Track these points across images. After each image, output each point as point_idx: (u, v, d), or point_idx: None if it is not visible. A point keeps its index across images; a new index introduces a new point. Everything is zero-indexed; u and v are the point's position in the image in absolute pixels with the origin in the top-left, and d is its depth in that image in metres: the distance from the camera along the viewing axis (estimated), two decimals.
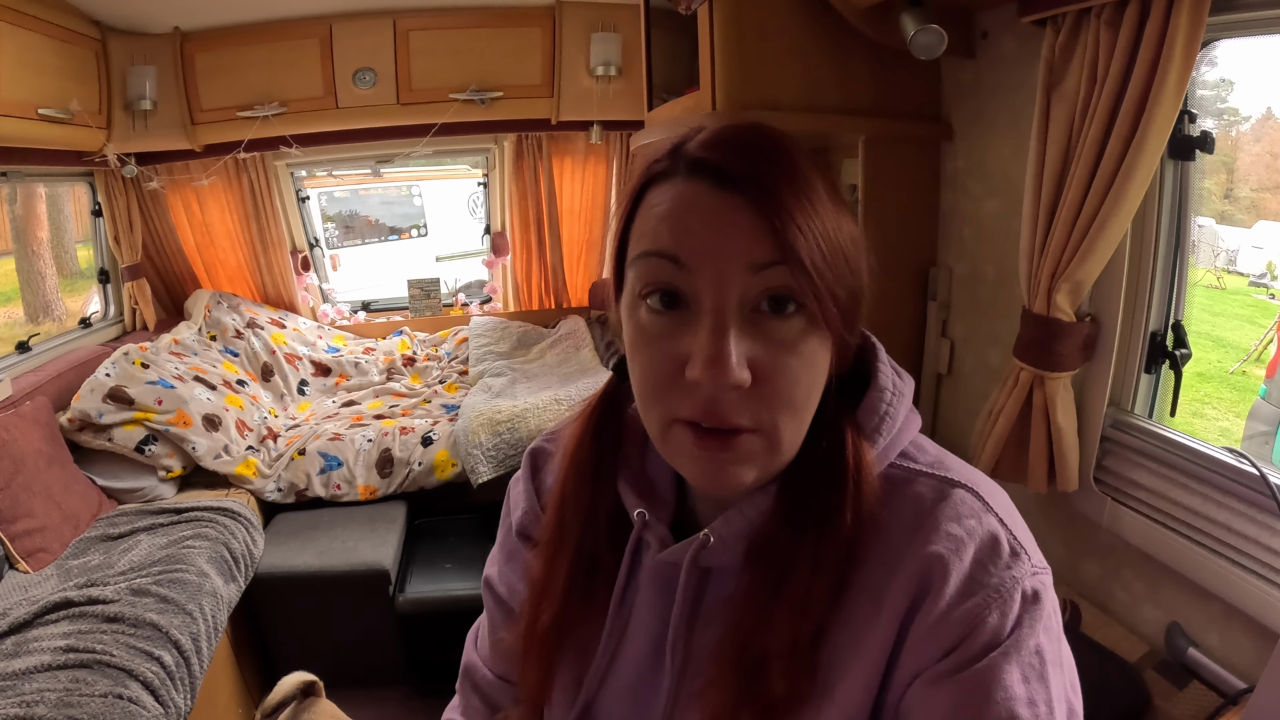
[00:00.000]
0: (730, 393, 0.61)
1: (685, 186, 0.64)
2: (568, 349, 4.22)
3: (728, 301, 0.62)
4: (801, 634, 0.66)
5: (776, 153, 0.64)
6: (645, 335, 0.65)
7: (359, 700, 2.07)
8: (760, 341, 0.62)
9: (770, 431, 0.64)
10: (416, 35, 3.76)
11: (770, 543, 0.69)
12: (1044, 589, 0.64)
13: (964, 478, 0.68)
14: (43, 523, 2.50)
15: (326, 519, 3.09)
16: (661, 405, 0.65)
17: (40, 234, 3.75)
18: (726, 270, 0.61)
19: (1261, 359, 3.78)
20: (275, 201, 4.20)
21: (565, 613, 0.80)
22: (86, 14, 3.28)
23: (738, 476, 0.65)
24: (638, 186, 0.68)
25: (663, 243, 0.63)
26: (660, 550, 0.75)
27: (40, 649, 1.98)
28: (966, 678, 0.60)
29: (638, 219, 0.67)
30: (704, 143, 0.65)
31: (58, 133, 3.11)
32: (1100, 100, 1.55)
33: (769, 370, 0.62)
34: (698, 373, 0.60)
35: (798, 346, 0.63)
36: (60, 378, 3.06)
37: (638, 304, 0.66)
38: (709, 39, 2.09)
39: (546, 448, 0.92)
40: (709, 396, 0.61)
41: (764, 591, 0.68)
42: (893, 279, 2.34)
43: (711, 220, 0.62)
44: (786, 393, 0.63)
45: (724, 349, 0.60)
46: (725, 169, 0.62)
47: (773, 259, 0.61)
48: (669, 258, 0.63)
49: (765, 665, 0.66)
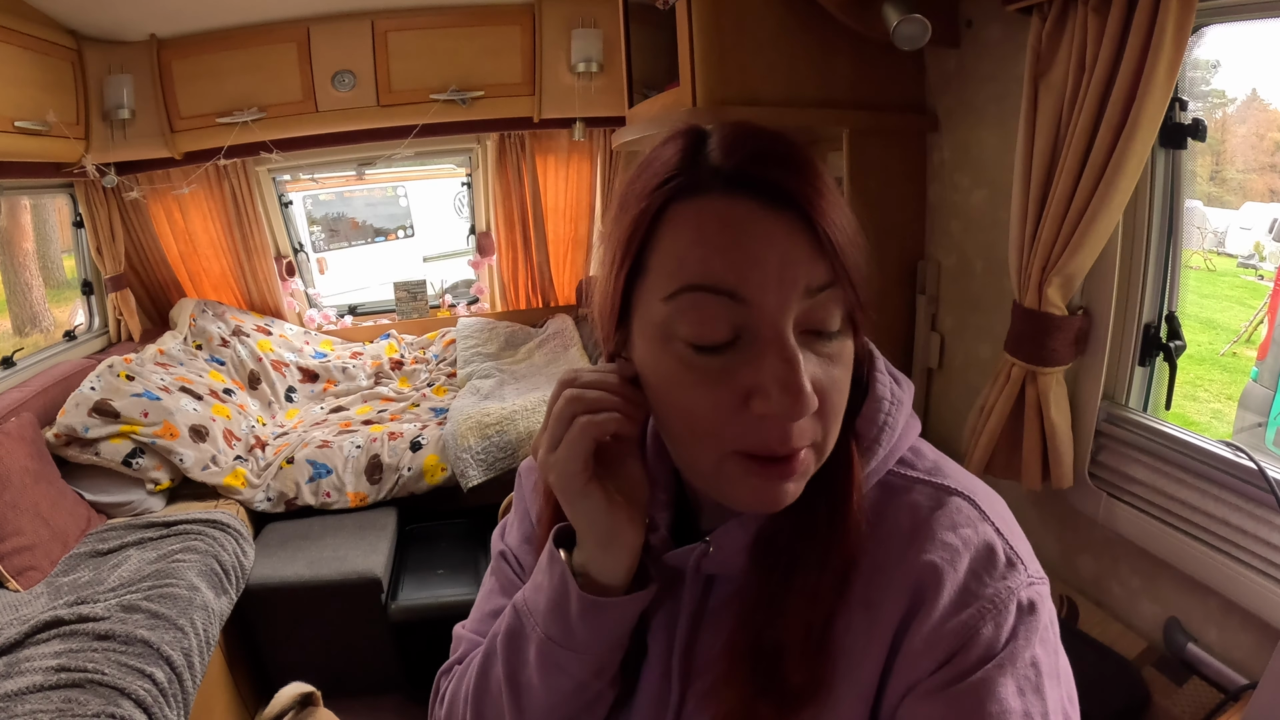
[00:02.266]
0: (804, 420, 0.60)
1: (728, 205, 0.59)
2: (556, 348, 4.21)
3: (787, 328, 0.59)
4: (814, 622, 0.65)
5: (805, 161, 0.61)
6: (693, 374, 0.61)
7: (354, 710, 2.07)
8: (815, 362, 0.61)
9: (821, 444, 0.63)
10: (395, 36, 3.72)
11: (773, 544, 0.67)
12: (1040, 600, 0.63)
13: (961, 486, 0.67)
14: (31, 540, 2.47)
15: (317, 528, 3.07)
16: (717, 441, 0.62)
17: (26, 245, 3.72)
18: (786, 296, 0.59)
19: (1252, 340, 3.79)
20: (258, 207, 4.17)
21: None
22: (62, 24, 3.23)
23: (793, 493, 0.63)
24: (659, 205, 0.62)
25: (716, 274, 0.59)
26: (660, 554, 0.74)
27: (32, 669, 1.96)
28: (960, 691, 0.59)
29: (662, 241, 0.62)
30: (730, 150, 0.61)
31: (35, 145, 3.07)
32: (1089, 89, 1.54)
33: (826, 388, 0.61)
34: (774, 407, 0.58)
35: (841, 357, 0.63)
36: (45, 393, 3.03)
37: (674, 340, 0.62)
38: (688, 34, 2.06)
39: None
40: (781, 429, 0.59)
41: (773, 584, 0.66)
42: (880, 273, 2.29)
43: (769, 245, 0.59)
44: (838, 405, 0.63)
45: (799, 380, 0.58)
46: (773, 184, 0.59)
47: (829, 281, 0.60)
48: (725, 292, 0.58)
49: (780, 656, 0.65)
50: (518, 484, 0.93)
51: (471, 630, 0.91)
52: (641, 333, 0.65)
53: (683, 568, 0.73)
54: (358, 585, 2.78)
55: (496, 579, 0.91)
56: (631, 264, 0.64)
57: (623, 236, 0.64)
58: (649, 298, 0.63)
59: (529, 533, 0.89)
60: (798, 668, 0.64)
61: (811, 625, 0.65)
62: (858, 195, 2.21)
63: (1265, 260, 4.06)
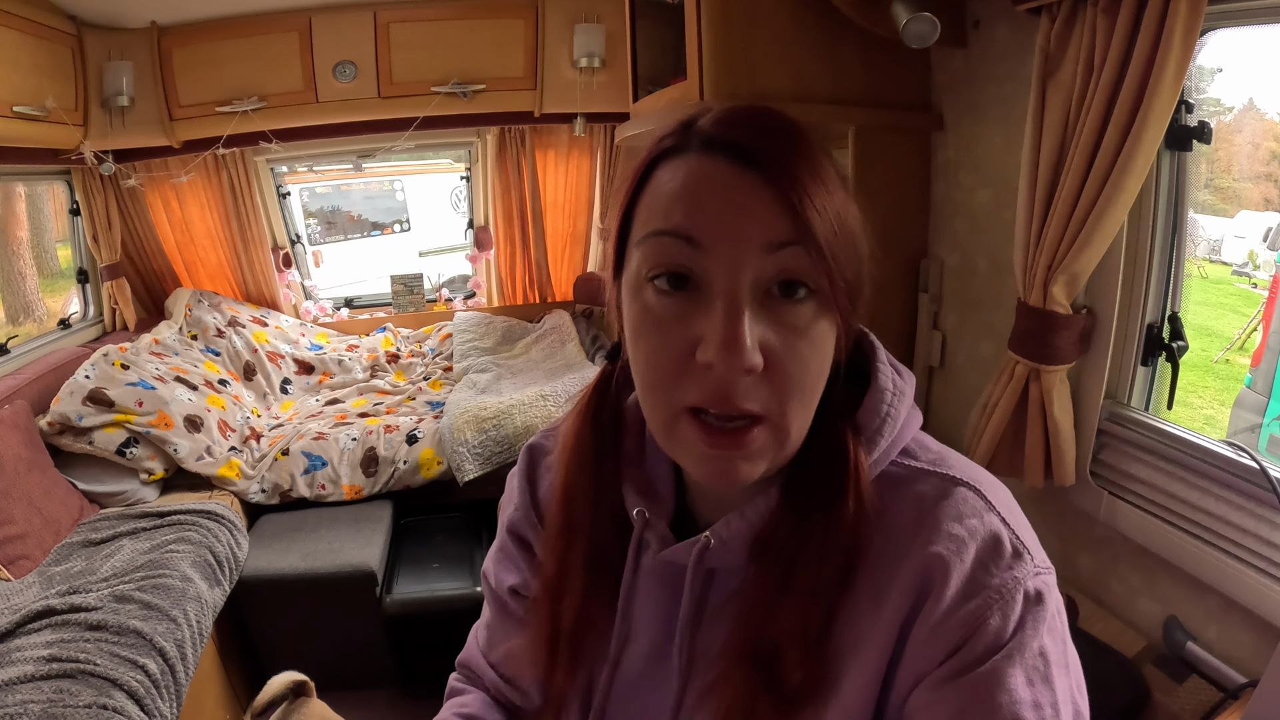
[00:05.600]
0: (743, 377, 0.60)
1: (700, 163, 0.62)
2: (553, 344, 4.20)
3: (742, 283, 0.60)
4: (813, 621, 0.65)
5: (792, 132, 0.63)
6: (652, 318, 0.63)
7: (346, 702, 2.04)
8: (772, 325, 0.61)
9: (779, 419, 0.62)
10: (397, 27, 3.71)
11: (774, 538, 0.67)
12: (1047, 589, 0.63)
13: (966, 475, 0.67)
14: (23, 529, 2.46)
15: (311, 520, 3.07)
16: (668, 392, 0.63)
17: (20, 233, 3.71)
18: (742, 250, 0.60)
19: (1246, 347, 3.80)
20: (256, 198, 4.15)
21: (586, 609, 0.78)
22: (62, 9, 3.22)
23: (747, 473, 0.63)
24: (646, 162, 0.66)
25: (675, 221, 0.61)
26: (660, 549, 0.74)
27: (23, 659, 1.95)
28: (969, 681, 0.59)
29: (645, 196, 0.65)
30: (718, 119, 0.63)
31: (33, 130, 3.05)
32: (1097, 90, 1.54)
33: (781, 355, 0.61)
34: (711, 355, 0.59)
35: (809, 331, 0.62)
36: (39, 380, 3.02)
37: (643, 285, 0.64)
38: (696, 28, 2.06)
39: (545, 444, 0.90)
40: (721, 381, 0.60)
41: (772, 582, 0.67)
42: (884, 270, 2.30)
43: (728, 198, 0.60)
44: (797, 378, 0.62)
45: (739, 332, 0.58)
46: (743, 145, 0.61)
47: (789, 239, 0.60)
48: (683, 236, 0.61)
49: (779, 655, 0.65)
50: (523, 460, 0.92)
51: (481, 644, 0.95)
52: (625, 286, 0.67)
53: (683, 563, 0.73)
54: (352, 578, 2.77)
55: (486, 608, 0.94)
56: (621, 219, 0.67)
57: (618, 197, 0.68)
58: (630, 249, 0.66)
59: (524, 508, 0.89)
60: (797, 668, 0.64)
61: (810, 626, 0.65)
62: (863, 193, 2.17)
63: (1259, 268, 4.07)
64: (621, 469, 0.78)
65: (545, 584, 0.81)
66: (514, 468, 0.93)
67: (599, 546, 0.78)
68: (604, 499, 0.78)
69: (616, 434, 0.79)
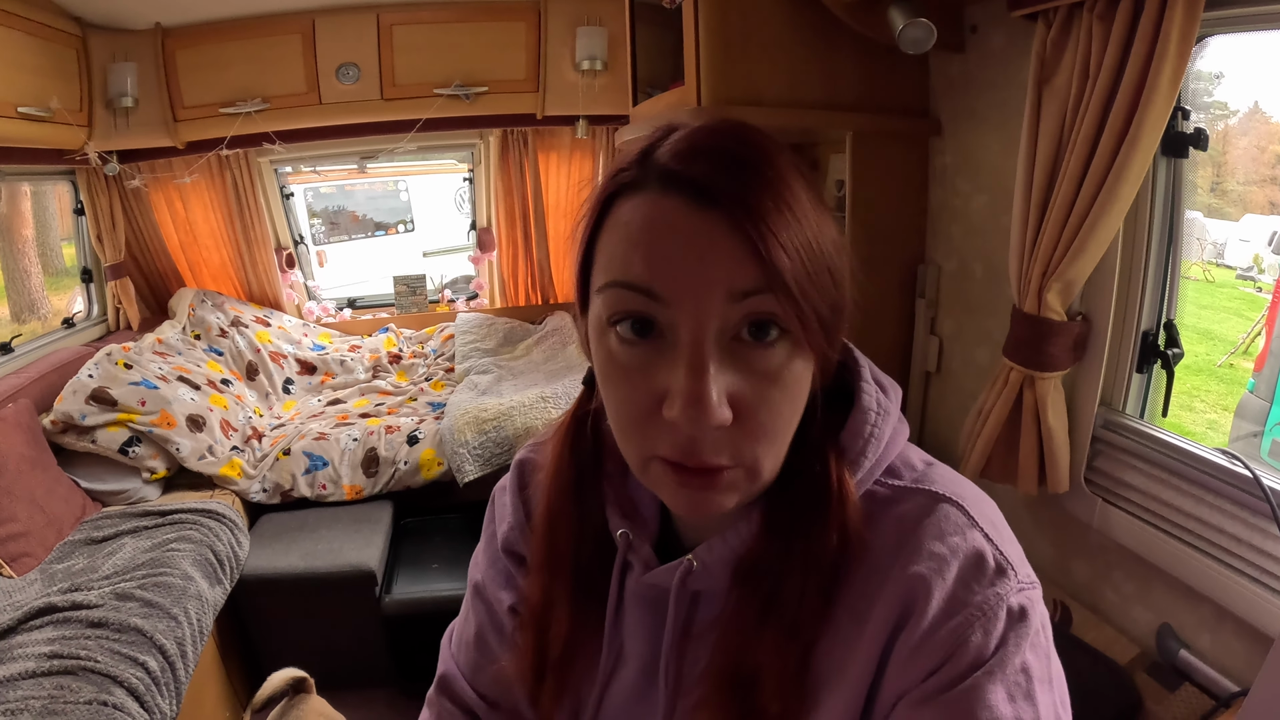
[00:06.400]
0: (712, 433, 0.58)
1: (658, 204, 0.58)
2: (554, 345, 4.21)
3: (707, 333, 0.57)
4: (791, 654, 0.64)
5: (757, 160, 0.59)
6: (617, 366, 0.61)
7: (345, 702, 2.05)
8: (742, 373, 0.59)
9: (751, 464, 0.61)
10: (400, 30, 3.72)
11: (756, 565, 0.67)
12: (1031, 605, 0.62)
13: (949, 490, 0.66)
14: (26, 527, 2.47)
15: (312, 519, 3.07)
16: (639, 441, 0.62)
17: (25, 232, 3.71)
18: (706, 301, 0.57)
19: (1249, 352, 3.79)
20: (259, 198, 4.16)
21: (573, 637, 0.78)
22: (66, 11, 3.23)
23: (719, 506, 0.62)
24: (603, 196, 0.63)
25: (635, 272, 0.58)
26: (644, 572, 0.74)
27: (24, 655, 1.95)
28: (951, 699, 0.58)
29: (604, 234, 0.62)
30: (678, 151, 0.59)
31: (38, 131, 3.07)
32: (1093, 96, 1.54)
33: (752, 404, 0.59)
34: (676, 414, 0.57)
35: (781, 375, 0.60)
36: (43, 379, 3.03)
37: (606, 330, 0.61)
38: (694, 33, 2.06)
39: (534, 458, 0.89)
40: (689, 437, 0.58)
41: (752, 613, 0.66)
42: (880, 276, 2.33)
43: (689, 245, 0.57)
44: (769, 425, 0.60)
45: (704, 389, 0.56)
46: (703, 183, 0.57)
47: (756, 286, 0.57)
48: (642, 290, 0.58)
49: (757, 686, 0.64)
50: (513, 476, 0.91)
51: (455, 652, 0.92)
52: (591, 327, 0.65)
53: (666, 585, 0.72)
54: (352, 578, 2.78)
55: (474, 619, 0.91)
56: (582, 256, 0.65)
57: (577, 233, 0.65)
58: (592, 290, 0.63)
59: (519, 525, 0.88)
60: (775, 699, 0.64)
61: (789, 660, 0.64)
62: (860, 198, 2.22)
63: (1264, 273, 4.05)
64: (604, 491, 0.77)
65: (531, 611, 0.81)
66: (501, 482, 0.92)
67: (584, 572, 0.78)
68: (587, 524, 0.77)
69: (597, 457, 0.78)
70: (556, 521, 0.79)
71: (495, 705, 0.88)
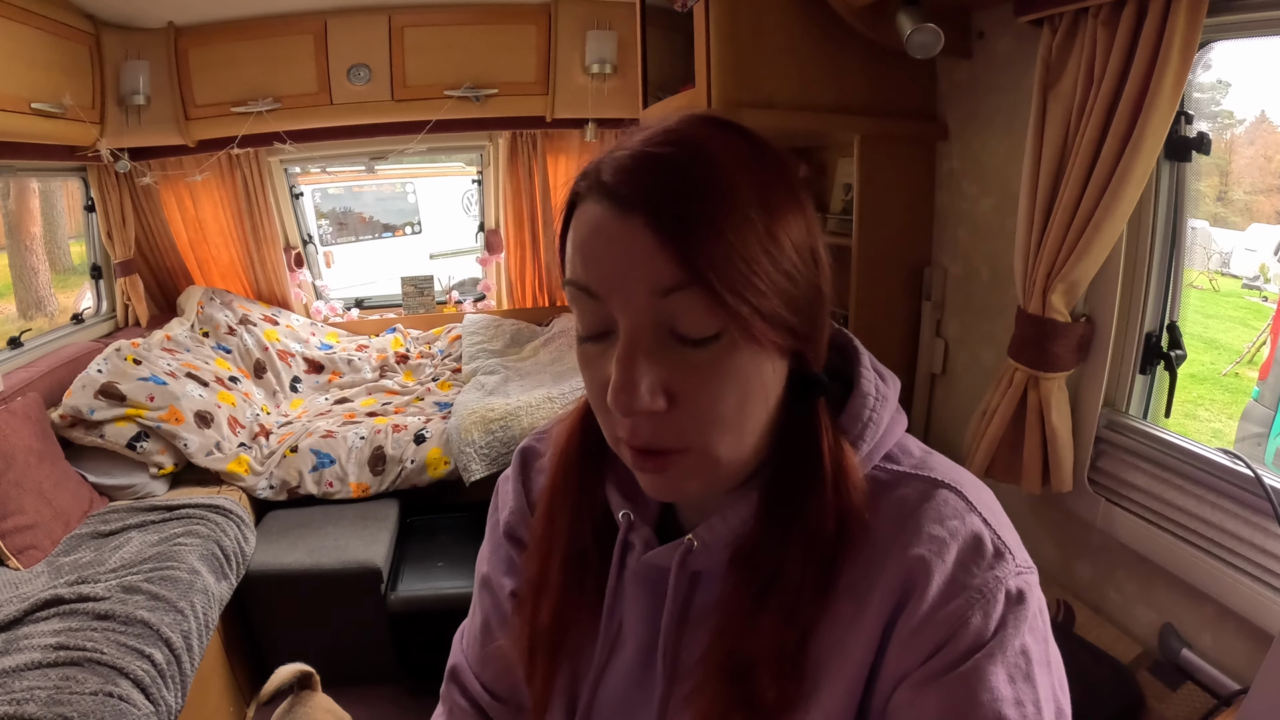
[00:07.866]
0: (645, 418, 0.62)
1: (593, 211, 0.62)
2: (561, 347, 4.22)
3: (637, 327, 0.61)
4: (788, 640, 0.65)
5: (690, 163, 0.61)
6: (582, 356, 0.67)
7: (350, 699, 2.07)
8: (677, 366, 0.61)
9: (701, 450, 0.63)
10: (411, 31, 3.74)
11: (754, 549, 0.68)
12: (1029, 588, 0.63)
13: (948, 477, 0.67)
14: (33, 520, 2.48)
15: (318, 517, 3.09)
16: (606, 427, 0.68)
17: (33, 229, 3.73)
18: (631, 297, 0.61)
19: (1254, 361, 3.79)
20: (269, 198, 4.19)
21: (564, 609, 0.79)
22: (80, 8, 3.26)
23: (681, 490, 0.66)
24: (565, 205, 0.67)
25: (578, 273, 0.63)
26: (644, 552, 0.75)
27: (31, 646, 1.97)
28: (951, 680, 0.59)
29: (569, 237, 0.66)
30: (616, 163, 0.62)
31: (50, 127, 3.09)
32: (1097, 100, 1.55)
33: (688, 394, 0.62)
34: (610, 401, 0.61)
35: (720, 367, 0.61)
36: (52, 374, 3.05)
37: (575, 323, 0.67)
38: (704, 36, 2.08)
39: (536, 446, 0.91)
40: (633, 422, 0.63)
41: (749, 598, 0.67)
42: (887, 278, 2.34)
43: (611, 247, 0.61)
44: (711, 413, 0.62)
45: (631, 378, 0.60)
46: (623, 192, 0.60)
47: (678, 282, 0.59)
48: (583, 289, 0.63)
49: (754, 671, 0.65)
50: (515, 463, 0.92)
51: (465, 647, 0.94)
52: None
53: (666, 565, 0.73)
54: (357, 575, 2.79)
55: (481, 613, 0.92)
56: (560, 258, 0.69)
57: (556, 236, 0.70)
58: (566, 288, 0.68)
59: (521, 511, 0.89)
60: (771, 686, 0.65)
61: (785, 646, 0.65)
62: (867, 201, 2.23)
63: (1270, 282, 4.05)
64: (608, 474, 0.79)
65: (528, 582, 0.82)
66: (505, 472, 0.93)
67: (581, 547, 0.79)
68: (587, 503, 0.79)
69: (603, 441, 0.78)
70: (558, 498, 0.80)
71: (502, 700, 0.89)
